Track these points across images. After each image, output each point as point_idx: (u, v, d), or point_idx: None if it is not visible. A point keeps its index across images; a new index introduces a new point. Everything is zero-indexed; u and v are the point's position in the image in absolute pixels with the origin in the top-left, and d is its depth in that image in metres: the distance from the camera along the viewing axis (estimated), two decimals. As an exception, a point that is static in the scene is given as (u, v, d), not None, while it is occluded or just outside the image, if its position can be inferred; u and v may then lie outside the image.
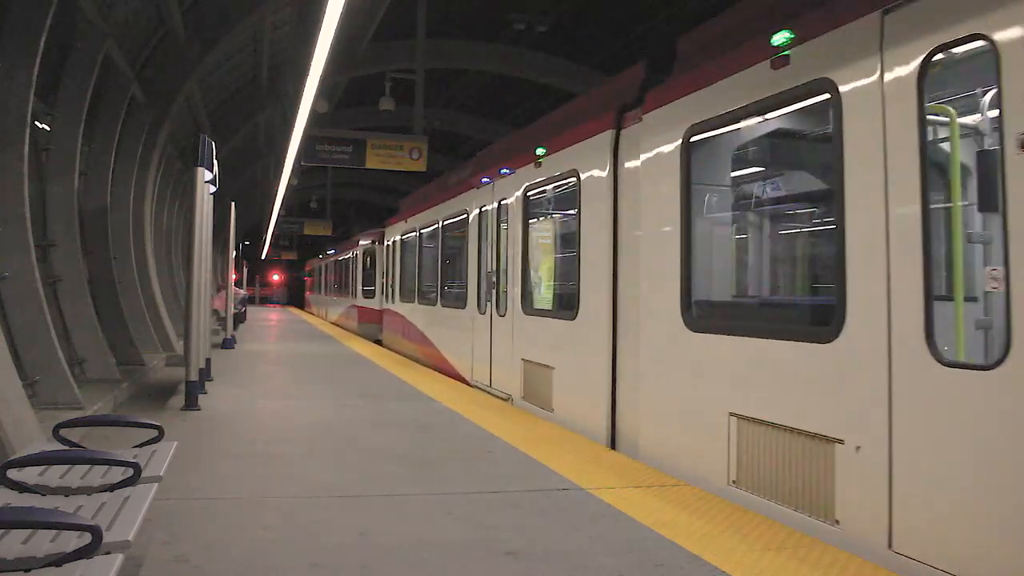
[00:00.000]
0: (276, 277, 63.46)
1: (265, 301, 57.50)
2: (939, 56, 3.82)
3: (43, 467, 3.90)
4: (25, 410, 6.02)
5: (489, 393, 10.14)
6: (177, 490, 4.98)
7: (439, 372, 12.59)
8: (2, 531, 2.91)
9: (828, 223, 5.28)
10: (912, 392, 3.85)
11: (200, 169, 8.74)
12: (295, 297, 60.98)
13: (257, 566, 3.85)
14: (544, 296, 9.54)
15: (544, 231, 9.67)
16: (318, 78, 9.99)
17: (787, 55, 4.75)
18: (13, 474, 3.65)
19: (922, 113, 3.89)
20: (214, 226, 11.68)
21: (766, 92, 4.95)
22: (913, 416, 3.84)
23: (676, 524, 4.61)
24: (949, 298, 4.04)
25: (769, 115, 5.24)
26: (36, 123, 9.00)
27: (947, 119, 4.33)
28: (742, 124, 5.49)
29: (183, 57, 13.38)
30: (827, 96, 4.48)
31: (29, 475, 3.76)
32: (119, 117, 11.80)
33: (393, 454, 6.47)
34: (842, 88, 4.36)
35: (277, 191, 24.08)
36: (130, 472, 3.76)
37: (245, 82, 19.36)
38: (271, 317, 34.69)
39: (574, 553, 4.12)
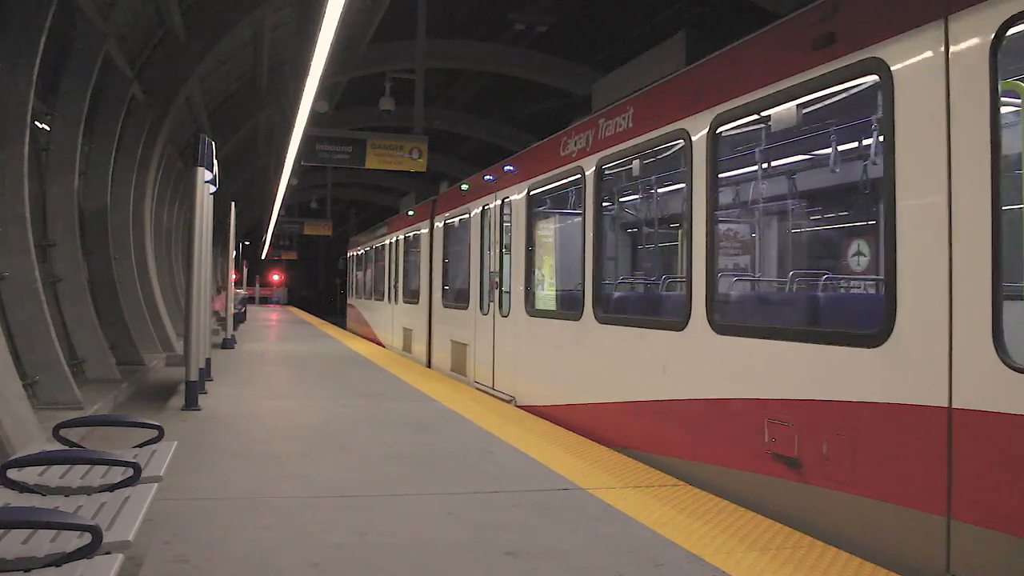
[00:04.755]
0: (276, 277, 63.56)
1: (265, 301, 57.51)
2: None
3: (43, 467, 3.90)
4: (25, 410, 6.02)
5: None
6: (177, 490, 4.98)
7: None
8: (2, 531, 2.91)
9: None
10: None
11: (200, 169, 8.75)
12: (295, 297, 60.98)
13: (257, 566, 3.85)
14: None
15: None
16: (318, 78, 9.98)
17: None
18: (13, 474, 3.66)
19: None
20: (214, 226, 11.69)
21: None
22: None
23: (676, 524, 4.61)
24: None
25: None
26: (36, 123, 9.00)
27: None
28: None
29: (183, 57, 13.38)
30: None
31: (29, 475, 3.76)
32: (119, 117, 11.79)
33: (393, 454, 6.47)
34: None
35: (277, 191, 24.05)
36: (130, 472, 3.77)
37: (245, 82, 19.36)
38: (271, 317, 34.69)
39: (574, 553, 4.12)
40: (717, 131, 5.69)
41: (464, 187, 12.61)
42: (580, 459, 6.31)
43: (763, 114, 5.45)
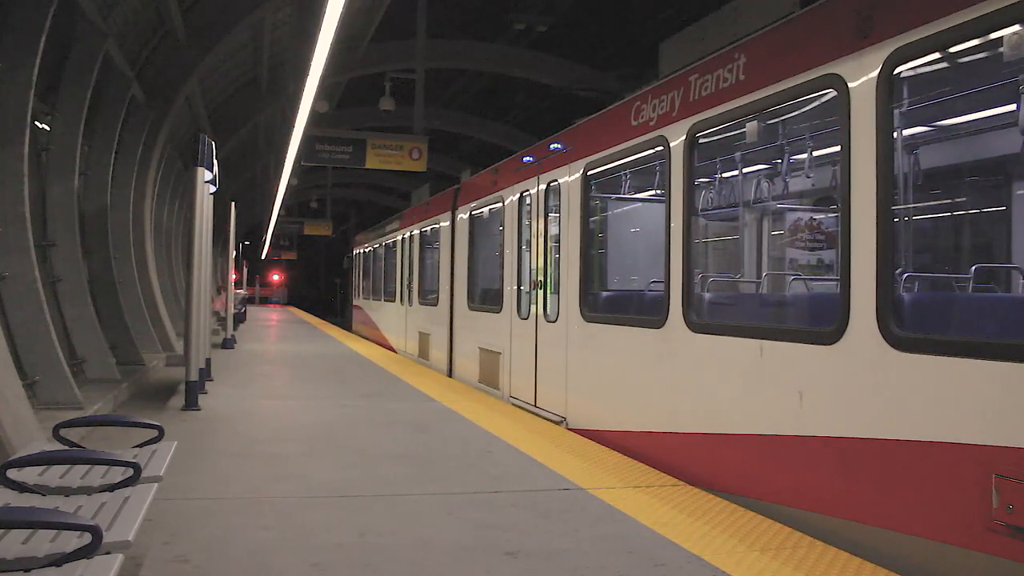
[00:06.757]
0: (276, 277, 63.64)
1: (265, 301, 57.55)
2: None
3: (43, 467, 3.90)
4: (25, 410, 6.02)
5: None
6: (177, 490, 4.98)
7: None
8: (2, 531, 2.91)
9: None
10: None
11: (200, 169, 8.75)
12: (295, 297, 60.99)
13: (257, 566, 3.85)
14: None
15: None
16: (318, 78, 9.99)
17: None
18: (13, 474, 3.65)
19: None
20: (214, 226, 11.69)
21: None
22: None
23: (676, 524, 4.61)
24: None
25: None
26: (36, 123, 9.00)
27: None
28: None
29: (183, 57, 13.40)
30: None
31: (29, 475, 3.76)
32: (119, 117, 11.80)
33: (393, 454, 6.47)
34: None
35: (277, 191, 24.08)
36: (130, 472, 3.76)
37: (245, 82, 19.37)
38: (271, 317, 34.68)
39: (574, 553, 4.12)
40: (895, 72, 4.17)
41: (495, 172, 10.92)
42: (580, 459, 6.31)
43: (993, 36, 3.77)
